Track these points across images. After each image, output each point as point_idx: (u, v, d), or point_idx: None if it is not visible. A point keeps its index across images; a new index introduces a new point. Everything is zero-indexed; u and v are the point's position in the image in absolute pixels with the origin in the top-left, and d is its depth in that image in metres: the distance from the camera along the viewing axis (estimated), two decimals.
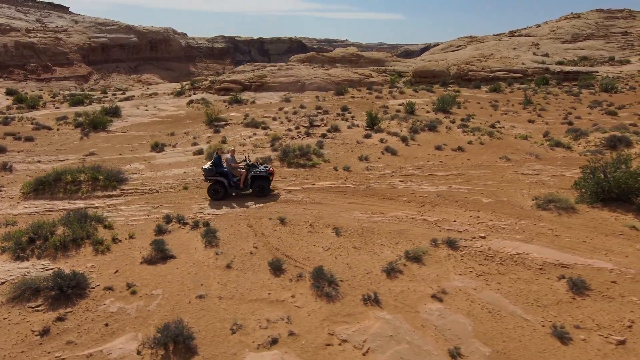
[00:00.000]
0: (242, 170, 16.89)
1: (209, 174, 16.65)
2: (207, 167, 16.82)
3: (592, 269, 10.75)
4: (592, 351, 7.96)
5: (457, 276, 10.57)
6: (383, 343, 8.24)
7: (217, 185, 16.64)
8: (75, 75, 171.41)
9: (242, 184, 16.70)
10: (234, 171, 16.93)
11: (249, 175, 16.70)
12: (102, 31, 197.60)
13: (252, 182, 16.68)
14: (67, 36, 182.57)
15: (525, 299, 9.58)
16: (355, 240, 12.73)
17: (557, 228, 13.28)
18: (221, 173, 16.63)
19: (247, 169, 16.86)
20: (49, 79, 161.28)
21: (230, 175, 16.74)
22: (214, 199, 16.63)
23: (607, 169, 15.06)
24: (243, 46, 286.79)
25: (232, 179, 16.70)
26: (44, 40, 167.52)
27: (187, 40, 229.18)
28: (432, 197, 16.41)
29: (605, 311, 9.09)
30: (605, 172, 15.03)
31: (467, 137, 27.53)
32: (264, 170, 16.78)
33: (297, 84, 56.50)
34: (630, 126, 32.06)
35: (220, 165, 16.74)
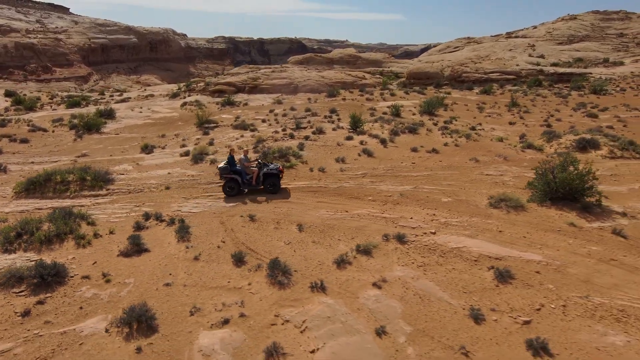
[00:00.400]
0: (254, 169, 18.32)
1: (224, 172, 18.06)
2: (222, 166, 18.19)
3: (522, 261, 12.03)
4: (499, 329, 9.24)
5: (399, 267, 11.86)
6: (320, 323, 9.53)
7: (231, 183, 18.01)
8: (75, 76, 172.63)
9: (255, 181, 18.14)
10: (247, 169, 18.39)
11: (261, 173, 18.10)
12: (102, 32, 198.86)
13: (264, 180, 18.10)
14: (67, 37, 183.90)
15: (454, 286, 10.87)
16: (316, 236, 14.01)
17: (502, 225, 14.56)
18: (235, 171, 18.02)
19: (259, 167, 18.32)
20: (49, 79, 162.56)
21: (244, 173, 18.20)
22: (229, 195, 18.00)
23: (554, 170, 16.31)
24: (243, 47, 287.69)
25: (245, 176, 18.14)
26: (44, 41, 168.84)
27: (187, 41, 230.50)
28: (395, 196, 17.69)
29: (522, 297, 10.37)
30: (553, 173, 16.29)
31: (445, 139, 28.76)
32: (274, 169, 18.23)
33: (290, 86, 57.79)
34: (606, 128, 33.28)
35: (233, 164, 18.17)
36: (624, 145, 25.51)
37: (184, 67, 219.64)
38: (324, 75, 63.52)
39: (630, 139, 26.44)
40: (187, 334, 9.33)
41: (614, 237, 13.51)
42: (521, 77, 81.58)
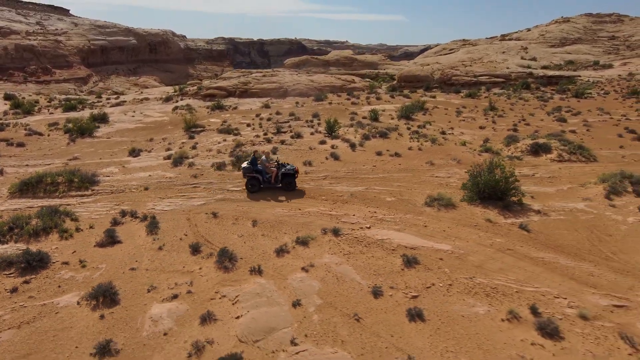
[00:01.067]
0: (273, 169, 20.64)
1: (247, 171, 20.45)
2: (245, 166, 20.55)
3: (432, 250, 14.53)
4: (391, 302, 11.74)
5: (328, 255, 14.38)
6: (249, 297, 12.06)
7: (253, 181, 20.47)
8: (75, 77, 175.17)
9: (274, 180, 20.52)
10: (266, 169, 20.74)
11: (279, 172, 20.48)
12: (101, 34, 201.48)
13: (282, 179, 20.50)
14: (67, 39, 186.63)
15: (368, 270, 13.38)
16: (266, 230, 16.55)
17: (429, 220, 17.08)
18: (256, 171, 20.41)
19: (277, 167, 20.61)
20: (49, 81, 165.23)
21: (264, 172, 20.57)
22: (251, 191, 20.46)
23: (482, 173, 18.82)
24: (243, 47, 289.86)
25: (265, 175, 20.53)
26: (44, 43, 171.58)
27: (186, 42, 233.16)
28: (346, 196, 20.21)
29: (419, 278, 12.88)
30: (480, 176, 18.80)
31: (412, 143, 31.22)
32: (291, 169, 20.59)
33: (280, 90, 60.29)
34: (569, 132, 35.72)
35: (255, 165, 20.47)
36: (572, 149, 27.91)
37: (183, 68, 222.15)
38: (314, 79, 66.02)
39: (580, 144, 28.82)
40: (142, 305, 11.86)
41: (519, 231, 15.99)
42: (510, 80, 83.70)
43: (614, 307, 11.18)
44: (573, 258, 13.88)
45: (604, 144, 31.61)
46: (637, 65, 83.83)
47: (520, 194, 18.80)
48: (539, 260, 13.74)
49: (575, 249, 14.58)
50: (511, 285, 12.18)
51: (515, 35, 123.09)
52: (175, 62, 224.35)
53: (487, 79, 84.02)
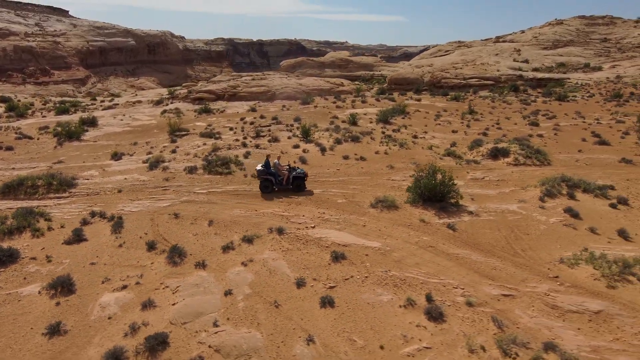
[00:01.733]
0: (285, 172, 22.63)
1: (261, 174, 22.51)
2: (260, 169, 22.62)
3: (362, 247, 16.41)
4: (310, 291, 13.62)
5: (268, 251, 16.26)
6: (188, 288, 13.95)
7: (266, 182, 22.49)
8: (73, 78, 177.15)
9: (285, 182, 22.51)
10: (279, 172, 22.62)
11: (291, 175, 22.55)
12: (100, 35, 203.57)
13: (293, 181, 22.53)
14: (66, 40, 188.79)
15: (299, 264, 15.27)
16: (220, 229, 18.45)
17: (369, 220, 18.95)
18: (270, 173, 22.42)
19: (289, 171, 22.67)
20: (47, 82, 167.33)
21: (276, 175, 22.50)
22: (264, 192, 22.52)
23: (422, 177, 20.69)
24: (242, 48, 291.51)
25: (278, 177, 22.50)
26: (43, 44, 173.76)
27: (185, 43, 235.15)
28: (301, 198, 22.10)
29: (341, 271, 14.76)
30: (421, 179, 20.68)
31: (380, 147, 33.08)
32: (301, 172, 22.70)
33: (268, 93, 62.21)
34: (537, 136, 37.53)
35: (269, 167, 22.46)
36: (529, 154, 29.74)
37: (182, 69, 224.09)
38: (302, 82, 67.91)
39: (538, 148, 30.60)
40: (95, 295, 13.76)
41: (446, 230, 17.86)
42: (500, 82, 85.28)
43: (502, 296, 13.02)
44: (484, 254, 15.74)
45: (566, 148, 33.39)
46: (625, 67, 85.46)
47: (458, 196, 20.61)
48: (454, 256, 15.60)
49: (491, 246, 16.43)
50: (419, 278, 14.04)
51: (509, 37, 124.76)
52: (173, 63, 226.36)
53: (476, 82, 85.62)
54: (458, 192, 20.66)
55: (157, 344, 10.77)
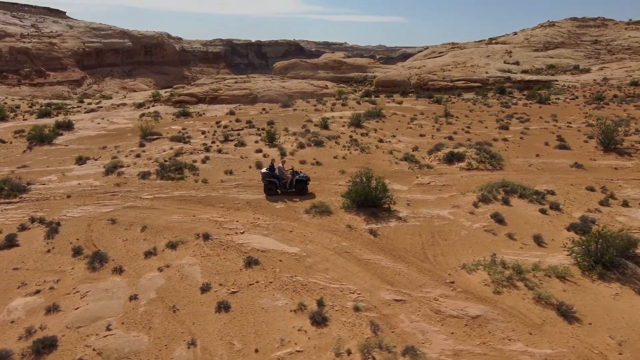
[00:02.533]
0: (288, 176, 23.54)
1: (266, 177, 23.37)
2: (264, 172, 23.51)
3: (280, 253, 17.00)
4: (212, 296, 14.22)
5: (188, 257, 16.88)
6: (97, 292, 14.57)
7: (270, 185, 23.39)
8: (69, 80, 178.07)
9: (289, 185, 23.39)
10: (283, 176, 23.52)
11: (294, 179, 23.43)
12: (96, 36, 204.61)
13: (296, 184, 23.43)
14: (62, 41, 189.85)
15: (212, 270, 15.87)
16: (150, 235, 19.06)
17: (298, 226, 19.54)
18: (274, 176, 23.30)
19: (292, 174, 23.58)
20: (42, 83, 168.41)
21: (280, 178, 23.40)
22: (269, 194, 23.43)
23: (357, 183, 21.27)
24: (241, 49, 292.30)
25: (282, 181, 23.39)
26: (38, 46, 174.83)
27: (182, 44, 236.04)
28: (242, 203, 22.70)
29: (250, 276, 15.36)
30: (355, 184, 21.26)
31: (341, 152, 33.65)
32: (304, 176, 23.74)
33: (250, 96, 62.85)
34: (501, 140, 38.04)
35: (273, 171, 23.36)
36: (482, 158, 30.28)
37: (178, 70, 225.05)
38: (285, 85, 68.55)
39: (494, 153, 31.12)
40: (7, 299, 14.39)
41: (368, 235, 18.45)
42: (488, 84, 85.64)
43: (393, 301, 13.60)
44: (395, 260, 16.31)
45: (526, 152, 33.90)
46: (613, 69, 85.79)
47: (391, 202, 21.18)
48: (365, 261, 16.19)
49: (405, 251, 17.01)
50: (322, 283, 14.63)
51: (502, 39, 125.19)
52: (170, 64, 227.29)
53: (463, 84, 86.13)
54: (391, 197, 21.19)
55: (43, 347, 11.38)
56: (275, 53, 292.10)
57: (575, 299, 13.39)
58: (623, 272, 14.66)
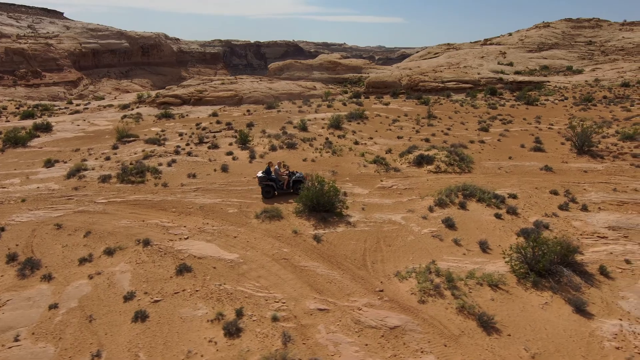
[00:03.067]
0: (285, 177, 23.55)
1: (262, 180, 23.32)
2: (260, 176, 23.46)
3: (216, 260, 16.68)
4: (134, 304, 13.88)
5: (123, 264, 16.57)
6: (18, 301, 14.25)
7: (267, 188, 23.42)
8: (65, 80, 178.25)
9: (286, 186, 23.47)
10: (279, 177, 23.50)
11: (291, 180, 23.51)
12: (93, 37, 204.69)
13: (293, 185, 23.42)
14: (58, 42, 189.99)
15: (142, 277, 15.55)
16: (93, 241, 18.75)
17: (245, 232, 19.21)
18: (270, 179, 23.26)
19: (289, 175, 23.67)
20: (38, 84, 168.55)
21: (277, 180, 23.38)
22: (266, 197, 23.40)
23: (310, 188, 20.93)
24: (239, 50, 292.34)
25: (279, 183, 23.45)
26: (34, 46, 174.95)
27: (180, 45, 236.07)
28: (195, 208, 22.39)
29: (178, 284, 15.03)
30: (309, 189, 20.91)
31: (312, 154, 33.32)
32: (300, 176, 23.71)
33: (235, 97, 62.55)
34: (478, 143, 37.65)
35: (269, 173, 23.36)
36: (451, 161, 29.92)
37: (176, 71, 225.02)
38: (272, 86, 68.26)
39: (464, 156, 30.75)
40: None
41: (312, 241, 18.11)
42: (479, 85, 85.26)
43: (317, 311, 13.26)
44: (331, 267, 15.98)
45: (499, 154, 33.53)
46: (605, 70, 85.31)
47: (344, 207, 20.84)
48: (301, 268, 15.86)
49: (345, 258, 16.67)
50: (248, 291, 14.31)
51: (497, 39, 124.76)
52: (167, 65, 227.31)
53: (454, 85, 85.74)
54: (344, 202, 20.86)
55: None
56: (274, 54, 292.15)
57: (502, 309, 13.04)
58: (558, 280, 14.29)
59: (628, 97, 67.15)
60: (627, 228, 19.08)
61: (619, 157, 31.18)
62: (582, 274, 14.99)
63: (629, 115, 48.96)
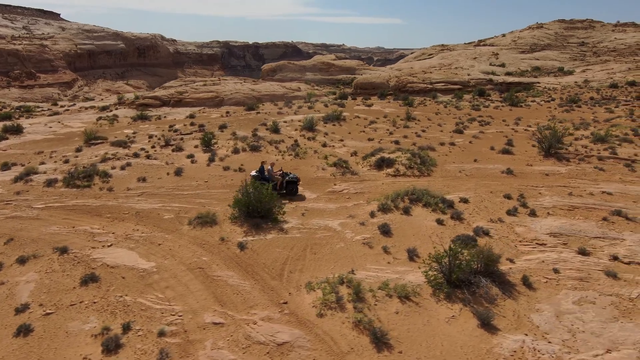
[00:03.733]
0: (278, 177, 23.54)
1: (256, 179, 23.12)
2: (254, 174, 23.87)
3: (130, 268, 16.01)
4: (23, 317, 13.20)
5: (32, 273, 15.90)
6: None
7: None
8: (59, 82, 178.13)
9: (279, 186, 23.26)
10: (272, 178, 23.38)
11: (284, 180, 23.51)
12: (89, 38, 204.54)
13: (286, 185, 23.58)
14: (53, 43, 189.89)
15: (45, 288, 14.87)
16: (11, 249, 18.08)
17: (172, 239, 18.55)
18: (264, 179, 23.17)
19: (282, 176, 23.67)
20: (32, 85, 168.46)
21: (270, 180, 23.13)
22: None
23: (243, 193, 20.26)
24: (238, 51, 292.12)
25: (273, 183, 22.91)
26: (29, 48, 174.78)
27: (176, 46, 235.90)
28: (131, 214, 21.74)
29: (79, 295, 14.34)
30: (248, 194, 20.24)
31: (275, 157, 32.64)
32: (294, 177, 23.95)
33: (216, 99, 61.99)
34: (449, 145, 36.96)
35: (263, 173, 23.59)
36: (411, 164, 29.24)
37: (172, 72, 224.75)
38: (255, 88, 67.68)
39: (425, 158, 30.08)
40: None
41: (235, 249, 17.44)
42: (468, 86, 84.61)
43: (211, 325, 12.60)
44: (245, 277, 15.30)
45: (466, 157, 32.86)
46: (595, 72, 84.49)
47: (280, 212, 20.18)
48: (213, 278, 15.18)
49: (262, 267, 15.99)
50: (148, 303, 13.64)
51: (490, 40, 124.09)
52: (164, 66, 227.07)
53: (442, 86, 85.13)
54: (281, 207, 20.21)
55: None
56: (272, 55, 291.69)
57: (403, 323, 12.34)
58: (474, 291, 13.59)
59: (614, 98, 66.45)
60: (568, 235, 18.40)
61: (584, 160, 30.39)
62: (503, 285, 14.27)
63: (609, 117, 48.21)
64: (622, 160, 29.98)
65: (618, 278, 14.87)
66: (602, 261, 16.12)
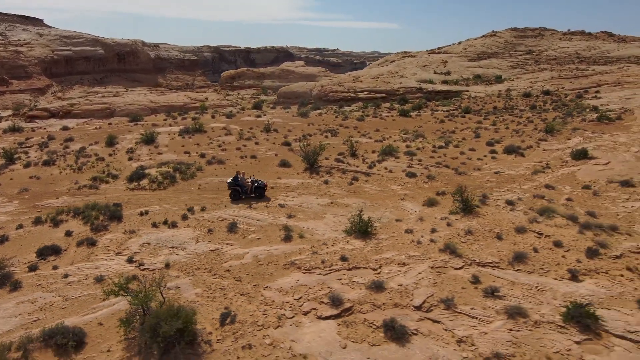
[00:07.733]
0: (249, 183, 28.67)
1: (231, 185, 28.60)
2: (229, 182, 28.70)
3: None
4: None
5: None
6: None
7: (235, 192, 28.49)
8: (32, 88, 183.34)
9: (250, 191, 28.62)
10: (244, 184, 28.60)
11: (253, 186, 28.71)
12: (66, 44, 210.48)
13: (255, 190, 28.74)
14: (29, 49, 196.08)
15: None
16: None
17: None
18: (237, 184, 28.48)
19: (252, 182, 28.77)
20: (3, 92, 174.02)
21: (242, 186, 28.49)
22: (233, 199, 28.46)
23: None
24: (229, 56, 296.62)
25: (244, 188, 28.53)
26: (2, 54, 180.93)
27: (158, 52, 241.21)
28: None
29: None
30: None
31: (57, 170, 35.99)
32: (261, 184, 29.01)
33: (106, 111, 65.75)
34: (250, 157, 39.79)
35: (237, 180, 28.56)
36: (162, 179, 32.30)
37: (152, 78, 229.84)
38: (154, 99, 71.34)
39: (173, 174, 33.12)
40: None
41: None
42: (395, 95, 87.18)
43: None
44: None
45: (247, 170, 35.68)
46: (523, 80, 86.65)
47: None
48: None
49: None
50: None
51: (445, 48, 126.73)
52: (144, 72, 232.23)
53: (365, 95, 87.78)
54: None
55: None
56: (264, 59, 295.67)
57: None
58: None
59: (514, 107, 68.55)
60: (155, 245, 21.38)
61: (329, 173, 33.27)
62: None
63: (476, 127, 51.22)
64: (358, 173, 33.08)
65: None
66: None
